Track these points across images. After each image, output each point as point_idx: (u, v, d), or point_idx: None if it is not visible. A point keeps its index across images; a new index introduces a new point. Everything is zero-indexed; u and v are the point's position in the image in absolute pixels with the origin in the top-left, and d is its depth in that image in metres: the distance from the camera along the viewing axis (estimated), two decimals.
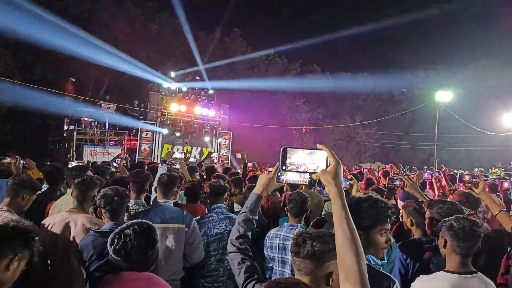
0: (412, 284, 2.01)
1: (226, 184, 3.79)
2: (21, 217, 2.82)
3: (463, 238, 2.01)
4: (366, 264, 1.23)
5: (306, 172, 1.38)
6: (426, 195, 3.75)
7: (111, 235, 1.87)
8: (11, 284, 1.73)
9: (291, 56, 36.27)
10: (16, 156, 4.73)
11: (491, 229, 2.97)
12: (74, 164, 6.20)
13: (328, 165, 1.33)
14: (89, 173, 4.04)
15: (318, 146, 1.35)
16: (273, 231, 3.21)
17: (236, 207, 4.59)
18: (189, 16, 26.27)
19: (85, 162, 9.48)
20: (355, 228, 1.25)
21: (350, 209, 1.28)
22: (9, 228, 1.75)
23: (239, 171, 7.77)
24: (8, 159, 4.79)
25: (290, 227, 3.15)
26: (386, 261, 2.25)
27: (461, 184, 4.37)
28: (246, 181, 5.23)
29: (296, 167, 1.37)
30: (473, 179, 3.12)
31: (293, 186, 4.59)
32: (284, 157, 1.36)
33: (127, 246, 1.81)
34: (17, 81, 17.18)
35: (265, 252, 3.16)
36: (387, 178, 4.10)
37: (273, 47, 34.58)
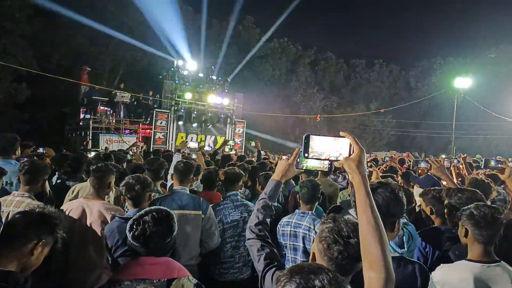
0: (433, 273, 1.97)
1: (241, 171, 3.79)
2: (42, 202, 2.87)
3: (485, 227, 1.95)
4: (394, 256, 1.20)
5: (329, 159, 1.37)
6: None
7: (130, 221, 1.90)
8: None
9: (305, 44, 35.88)
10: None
11: None
12: (93, 153, 6.31)
13: (352, 152, 1.31)
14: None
15: (341, 133, 1.34)
16: (285, 219, 3.22)
17: None
18: (202, 4, 26.22)
19: (103, 148, 9.63)
20: (379, 216, 1.23)
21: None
22: (34, 213, 1.78)
23: (253, 159, 7.79)
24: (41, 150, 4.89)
25: (301, 214, 3.15)
26: (406, 249, 2.22)
27: (487, 170, 4.24)
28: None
29: (319, 154, 1.35)
30: (499, 165, 3.01)
31: (310, 174, 4.56)
32: (307, 145, 1.35)
33: (146, 232, 1.84)
34: (35, 71, 17.42)
35: (278, 240, 3.18)
36: (412, 161, 4.00)
37: (287, 34, 34.22)
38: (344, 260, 1.37)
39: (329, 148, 1.35)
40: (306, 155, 1.36)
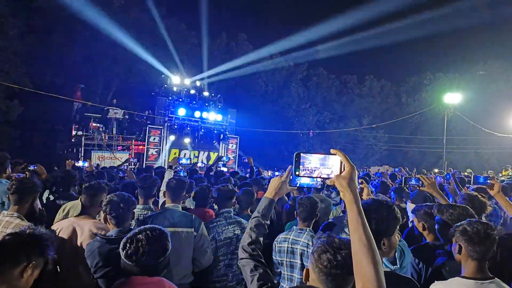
0: None
1: (235, 188, 3.77)
2: (32, 222, 2.82)
3: (479, 243, 1.96)
4: (385, 271, 1.19)
5: (320, 177, 1.37)
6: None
7: (124, 240, 1.87)
8: None
9: (297, 60, 36.30)
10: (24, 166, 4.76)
11: (505, 232, 2.91)
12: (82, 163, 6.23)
13: (343, 170, 1.31)
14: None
15: (332, 151, 1.34)
16: (281, 235, 3.18)
17: None
18: (196, 22, 26.54)
19: (95, 165, 9.53)
20: (371, 234, 1.22)
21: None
22: (25, 235, 1.74)
23: (246, 175, 7.78)
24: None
25: (299, 231, 3.12)
26: (398, 266, 2.22)
27: (474, 186, 4.24)
28: None
29: (310, 172, 1.35)
30: (488, 181, 3.03)
31: (301, 191, 4.56)
32: (298, 163, 1.35)
33: (139, 251, 1.82)
34: (27, 88, 17.35)
35: (273, 257, 3.13)
36: (403, 178, 3.99)
37: (279, 51, 34.65)
38: (333, 269, 1.37)
39: (320, 166, 1.35)
40: (297, 173, 1.36)
